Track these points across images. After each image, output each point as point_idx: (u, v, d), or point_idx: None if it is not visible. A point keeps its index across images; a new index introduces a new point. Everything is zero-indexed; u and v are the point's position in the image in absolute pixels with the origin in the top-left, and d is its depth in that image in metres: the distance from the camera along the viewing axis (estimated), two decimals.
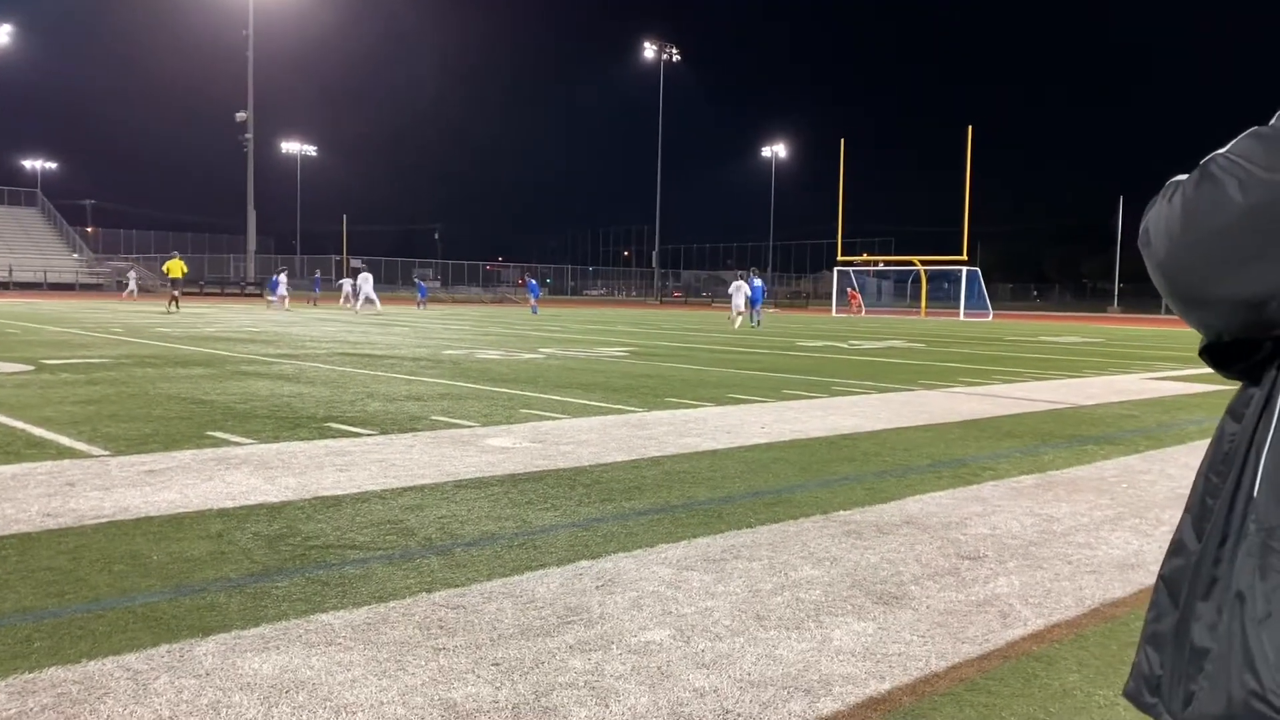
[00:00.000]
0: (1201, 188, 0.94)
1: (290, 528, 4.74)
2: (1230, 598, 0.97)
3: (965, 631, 3.60)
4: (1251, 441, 1.00)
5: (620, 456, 6.83)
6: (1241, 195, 0.90)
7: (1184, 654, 1.03)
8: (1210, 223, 0.93)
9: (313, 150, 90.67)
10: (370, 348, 17.37)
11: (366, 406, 9.18)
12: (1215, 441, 1.08)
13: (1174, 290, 0.99)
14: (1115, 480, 6.46)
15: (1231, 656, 0.95)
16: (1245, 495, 0.99)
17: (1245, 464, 1.00)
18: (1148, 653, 1.10)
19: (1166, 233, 0.98)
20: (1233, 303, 0.94)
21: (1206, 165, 0.96)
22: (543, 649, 3.30)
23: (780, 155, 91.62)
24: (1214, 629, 0.99)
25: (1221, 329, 0.99)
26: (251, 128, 59.38)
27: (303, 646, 3.26)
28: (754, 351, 18.97)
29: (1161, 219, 0.99)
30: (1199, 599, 1.02)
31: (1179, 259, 0.96)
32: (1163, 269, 0.99)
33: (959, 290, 51.32)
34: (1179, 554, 1.09)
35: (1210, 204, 0.93)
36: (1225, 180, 0.92)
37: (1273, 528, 0.94)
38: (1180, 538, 1.10)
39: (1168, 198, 0.99)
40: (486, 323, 31.00)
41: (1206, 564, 1.02)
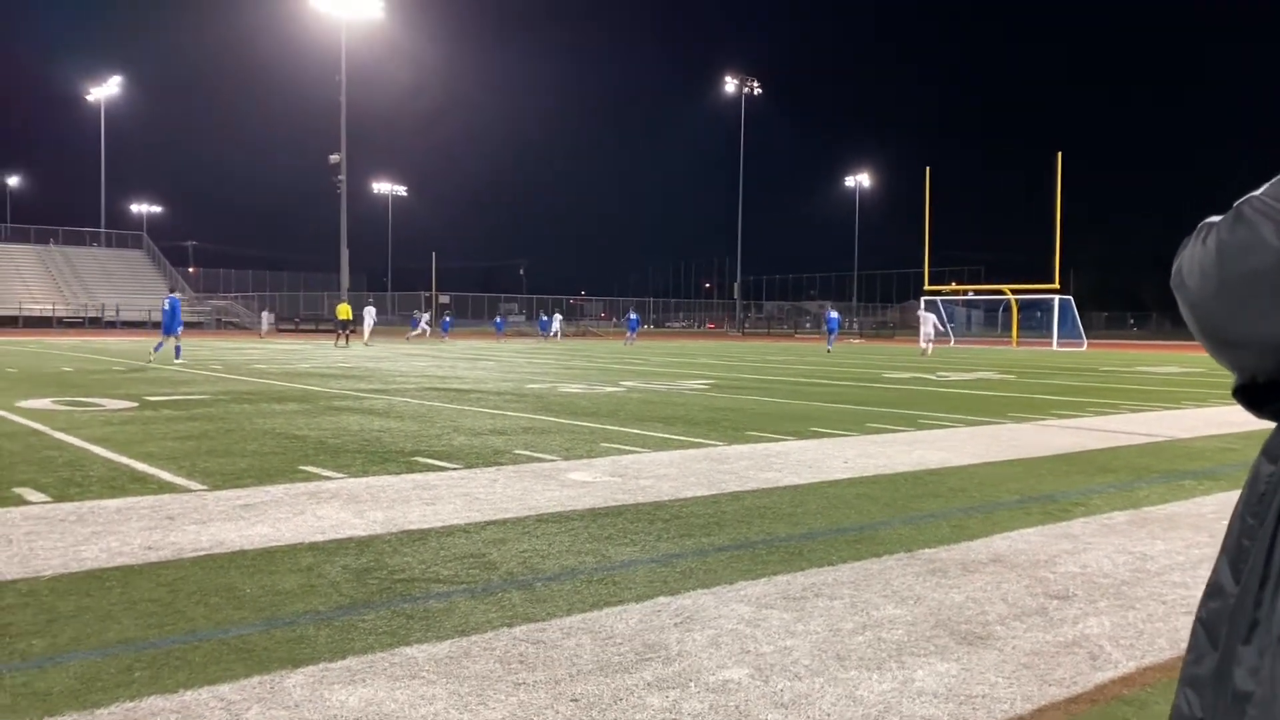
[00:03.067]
0: (1235, 230, 0.95)
1: (377, 561, 4.86)
2: (1272, 641, 0.96)
3: (1052, 673, 3.51)
4: None
5: (700, 491, 6.83)
6: (1275, 238, 0.90)
7: (1226, 698, 1.01)
8: (1243, 265, 0.93)
9: (403, 190, 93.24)
10: (457, 382, 17.69)
11: (452, 440, 9.35)
12: (1251, 482, 1.07)
13: (1206, 331, 1.00)
14: (1214, 517, 6.23)
15: (1275, 701, 0.93)
16: None
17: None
18: (1187, 695, 1.09)
19: (1200, 274, 0.98)
20: (1265, 345, 0.94)
21: (1240, 207, 0.96)
22: (621, 686, 3.32)
23: (864, 184, 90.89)
24: (1256, 673, 0.97)
25: (1254, 370, 0.99)
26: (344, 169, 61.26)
27: (387, 679, 3.34)
28: (838, 384, 18.79)
29: (1195, 260, 0.99)
30: (1240, 642, 1.00)
31: (1211, 300, 0.97)
32: (1195, 310, 1.00)
33: (1051, 319, 50.05)
34: (1216, 596, 1.07)
35: (1243, 246, 0.93)
36: (1259, 223, 0.92)
37: None
38: (1218, 579, 1.08)
39: (1201, 239, 1.00)
40: (569, 356, 31.32)
41: (1246, 607, 1.01)
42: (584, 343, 48.87)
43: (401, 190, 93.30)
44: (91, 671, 3.36)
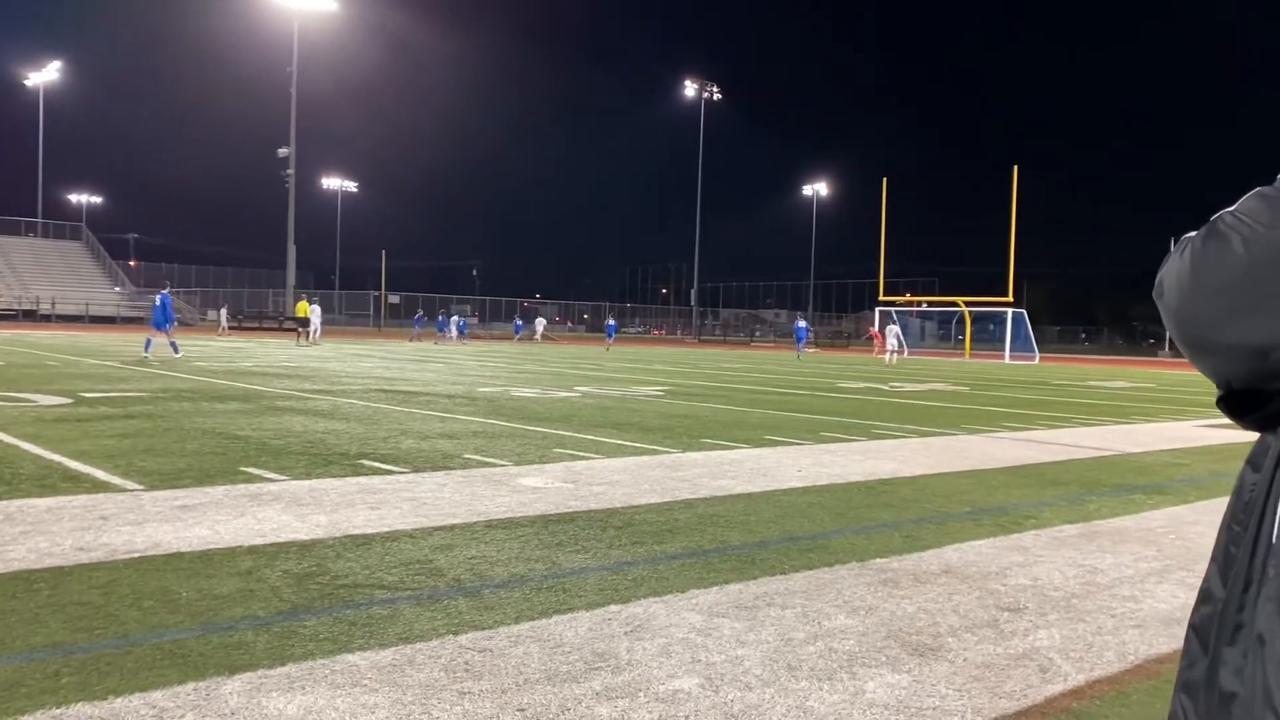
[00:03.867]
0: (1209, 243, 1.00)
1: (320, 566, 4.73)
2: (1253, 642, 1.00)
3: (1003, 686, 3.49)
4: (1270, 490, 1.04)
5: (653, 498, 6.77)
6: (1245, 250, 0.96)
7: (1214, 699, 1.05)
8: (1216, 276, 0.99)
9: (353, 186, 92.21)
10: (406, 384, 17.48)
11: (400, 444, 9.20)
12: (1236, 491, 1.11)
13: (1184, 338, 1.05)
14: (1163, 531, 6.29)
15: (1254, 699, 0.98)
16: (1265, 542, 1.02)
17: (1265, 512, 1.04)
18: (1182, 700, 1.13)
19: (1178, 285, 1.04)
20: (1237, 351, 0.99)
21: (1215, 222, 1.01)
22: (569, 695, 3.24)
23: (821, 193, 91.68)
24: (1239, 673, 1.02)
25: (1229, 376, 1.04)
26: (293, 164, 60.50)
27: (328, 687, 3.23)
28: (793, 393, 18.85)
29: (1174, 272, 1.05)
30: (1225, 645, 1.05)
31: (1189, 309, 1.02)
32: (1174, 319, 1.05)
33: (1004, 332, 50.78)
34: (1207, 602, 1.12)
35: (1216, 259, 0.99)
36: (1231, 236, 0.98)
37: None
38: (1208, 586, 1.12)
39: (1180, 252, 1.05)
40: (523, 360, 31.13)
41: (1231, 610, 1.05)
42: (538, 347, 48.64)
43: (352, 187, 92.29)
44: (15, 677, 3.22)
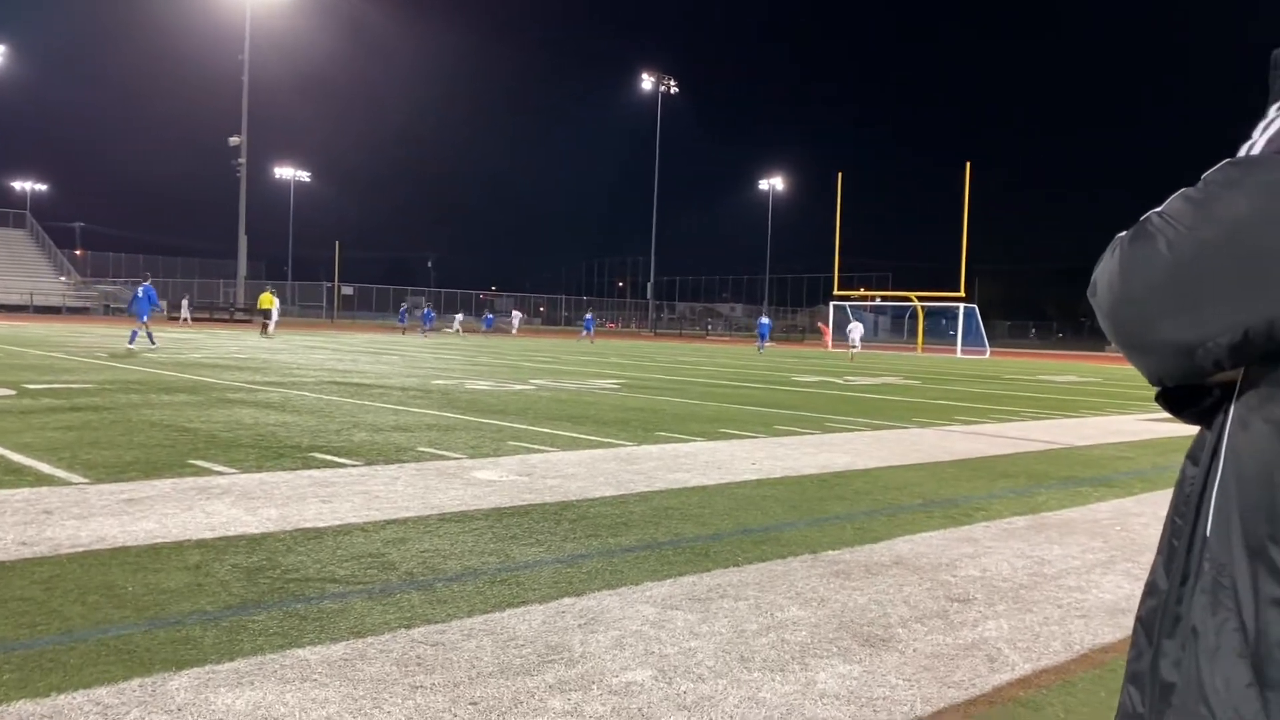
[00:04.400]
0: (1136, 244, 1.03)
1: (270, 560, 4.67)
2: (1189, 633, 1.03)
3: (952, 676, 3.54)
4: (1205, 483, 1.06)
5: (608, 491, 6.77)
6: (1169, 251, 0.99)
7: (1156, 690, 1.08)
8: (1144, 276, 1.01)
9: (306, 176, 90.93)
10: (359, 376, 17.31)
11: (352, 436, 9.11)
12: (1178, 485, 1.14)
13: (1118, 337, 1.07)
14: (1109, 523, 6.41)
15: (1190, 690, 1.00)
16: (1201, 535, 1.05)
17: (1200, 506, 1.06)
18: (1130, 691, 1.16)
19: (1109, 285, 1.06)
20: (1167, 349, 1.01)
21: (1143, 223, 1.04)
22: (522, 688, 3.24)
23: (778, 188, 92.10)
24: (1178, 665, 1.04)
25: (1161, 373, 1.06)
26: (245, 152, 59.55)
27: (278, 682, 3.19)
28: (747, 386, 18.94)
29: (1106, 273, 1.07)
30: (1166, 636, 1.08)
31: (1120, 308, 1.04)
32: (1107, 318, 1.07)
33: (956, 327, 51.44)
34: (1152, 595, 1.15)
35: (1144, 259, 1.01)
36: (1157, 237, 1.00)
37: (1222, 565, 0.99)
38: (1153, 579, 1.15)
39: (1111, 253, 1.07)
40: (478, 353, 30.96)
41: (1172, 603, 1.08)
42: (495, 340, 48.40)
43: (305, 176, 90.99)
44: None
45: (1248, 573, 0.96)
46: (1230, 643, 0.97)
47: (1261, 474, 0.97)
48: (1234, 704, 0.95)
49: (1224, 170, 0.99)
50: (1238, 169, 0.98)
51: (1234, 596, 0.97)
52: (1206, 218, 0.97)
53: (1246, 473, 0.99)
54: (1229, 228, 0.95)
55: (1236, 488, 1.00)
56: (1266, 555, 0.95)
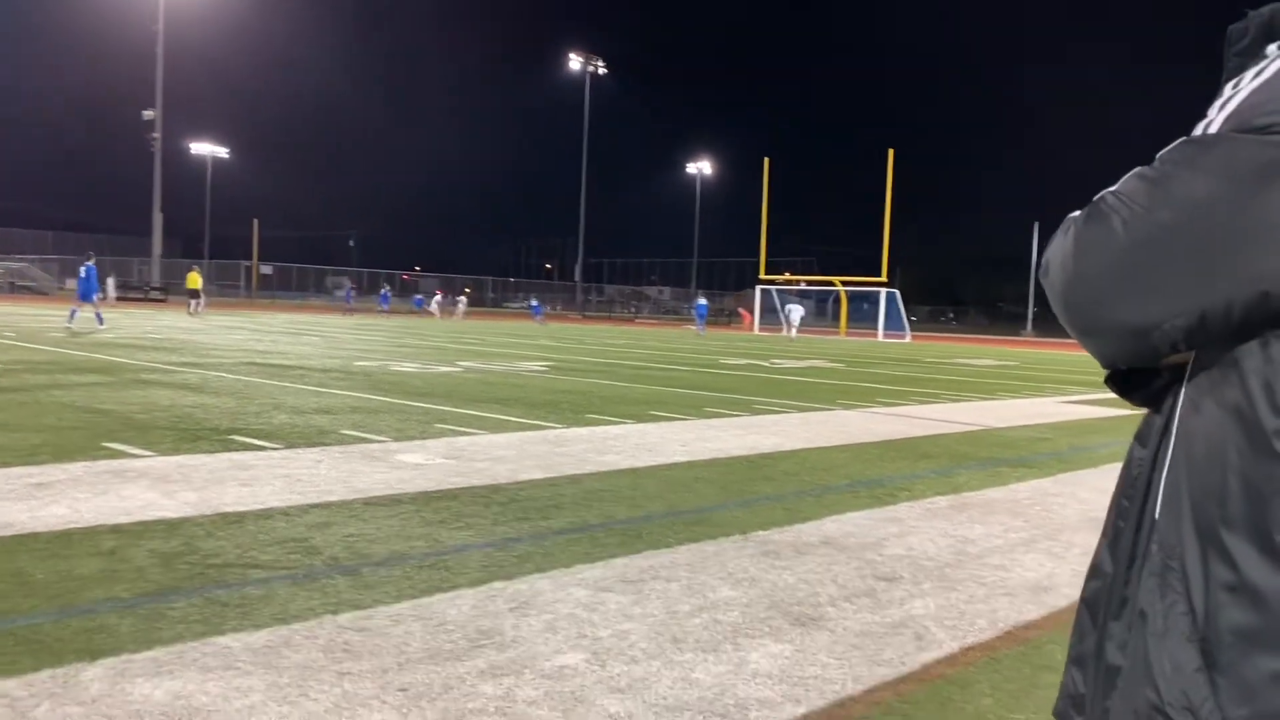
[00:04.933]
0: (1090, 224, 1.01)
1: (189, 545, 4.53)
2: (1136, 616, 1.02)
3: (881, 654, 3.58)
4: (1154, 465, 1.05)
5: (538, 474, 6.72)
6: (1124, 232, 0.97)
7: (1100, 672, 1.07)
8: (1098, 257, 0.99)
9: (224, 152, 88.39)
10: (279, 358, 16.92)
11: (273, 419, 8.90)
12: (1125, 467, 1.12)
13: (1070, 319, 1.06)
14: (1029, 503, 6.57)
15: (1136, 672, 1.00)
16: (1150, 518, 1.03)
17: (1149, 488, 1.05)
18: (1073, 673, 1.15)
19: (1061, 265, 1.04)
20: (1121, 331, 1.00)
21: (1096, 203, 1.02)
22: (452, 674, 3.18)
23: (705, 172, 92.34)
24: (1124, 647, 1.03)
25: (1114, 356, 1.06)
26: (160, 127, 57.64)
27: (198, 671, 3.09)
28: (676, 369, 19.00)
29: (1058, 253, 1.05)
30: (1112, 619, 1.07)
31: (1073, 289, 1.03)
32: (1059, 300, 1.05)
33: (878, 311, 52.26)
34: (1097, 576, 1.13)
35: (1098, 239, 0.99)
36: (1111, 217, 0.98)
37: (1171, 547, 0.98)
38: (1098, 561, 1.14)
39: (1065, 232, 1.05)
40: (402, 334, 30.53)
41: (1118, 585, 1.07)
42: (418, 321, 47.77)
43: (223, 152, 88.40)
44: None
45: (1198, 556, 0.96)
46: (1179, 626, 0.96)
47: (1212, 457, 0.96)
48: (1182, 687, 0.94)
49: (1180, 149, 0.97)
50: (1194, 147, 0.96)
51: (1183, 580, 0.97)
52: (1162, 198, 0.95)
53: (1197, 455, 0.98)
54: (1186, 208, 0.94)
55: (1187, 470, 0.99)
56: (1217, 538, 0.94)
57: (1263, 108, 0.92)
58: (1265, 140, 0.90)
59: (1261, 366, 0.92)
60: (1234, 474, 0.93)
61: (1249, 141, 0.91)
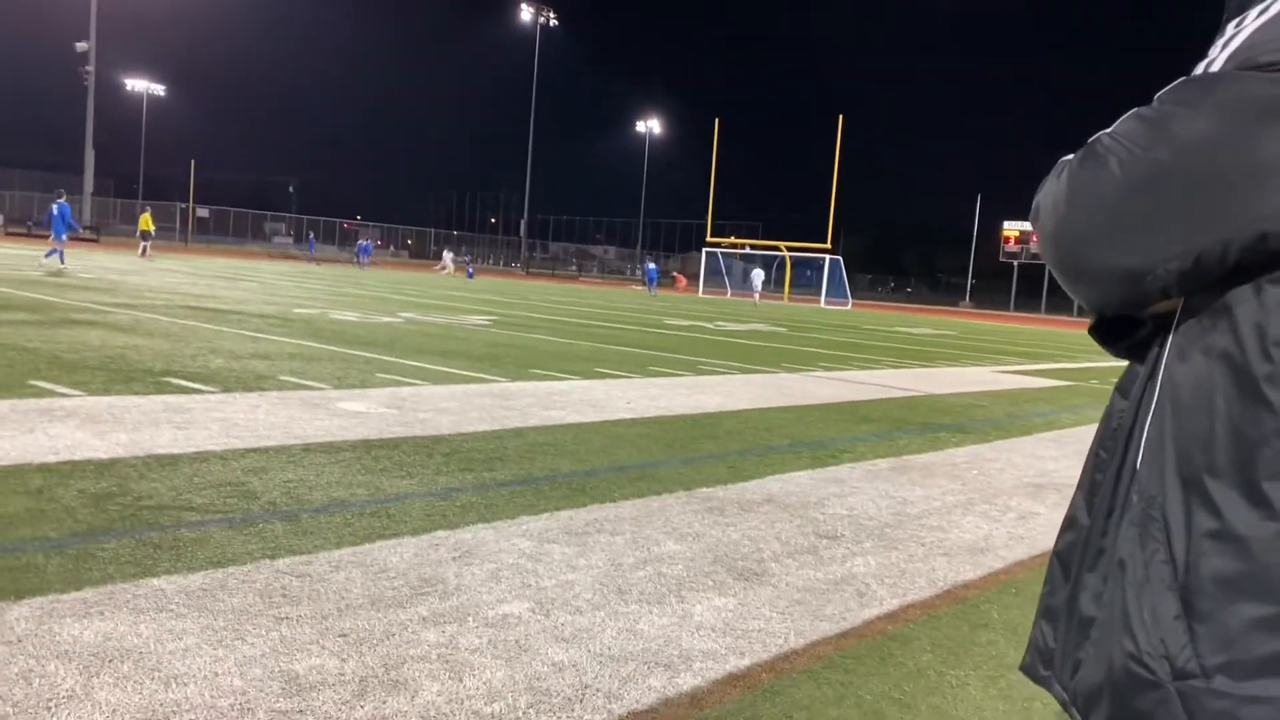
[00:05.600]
0: (1085, 165, 0.99)
1: (120, 486, 4.40)
2: (1114, 566, 1.01)
3: (823, 610, 3.61)
4: (1136, 416, 1.04)
5: (482, 426, 6.65)
6: (1121, 172, 0.95)
7: (1073, 624, 1.07)
8: (1093, 198, 0.97)
9: (160, 89, 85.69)
10: (215, 302, 16.54)
11: (209, 363, 8.69)
12: (1105, 419, 1.12)
13: (1060, 262, 1.03)
14: (966, 466, 6.67)
15: (1113, 622, 0.99)
16: (1130, 468, 1.03)
17: (1130, 438, 1.04)
18: (1042, 626, 1.15)
19: (1053, 207, 1.02)
20: (1113, 275, 0.98)
21: (1092, 144, 0.99)
22: (394, 620, 3.14)
23: (654, 131, 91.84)
24: (1099, 598, 1.03)
25: (1103, 302, 1.04)
26: (93, 60, 55.61)
27: (130, 612, 3.01)
28: (621, 327, 18.96)
29: (1050, 195, 1.03)
30: (1087, 570, 1.06)
31: (1065, 232, 1.00)
32: (1050, 241, 1.03)
33: (821, 278, 52.68)
34: (1071, 529, 1.13)
35: (1093, 180, 0.97)
36: (1108, 158, 0.96)
37: (1152, 497, 0.98)
38: (1073, 514, 1.13)
39: (1058, 175, 1.03)
40: (342, 283, 30.02)
41: (1095, 536, 1.06)
42: (344, 269, 47.02)
43: (159, 89, 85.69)
44: None
45: (1180, 504, 0.95)
46: (1159, 575, 0.95)
47: (1199, 404, 0.95)
48: (1161, 635, 0.94)
49: (1181, 88, 0.95)
50: (1196, 86, 0.94)
51: (1164, 529, 0.96)
52: (1162, 137, 0.93)
53: (1183, 403, 0.97)
54: (1186, 147, 0.92)
55: (1173, 419, 0.98)
56: (1201, 487, 0.93)
57: (1268, 45, 0.90)
58: (1270, 77, 0.88)
59: (1254, 312, 0.91)
60: (1221, 421, 0.93)
61: (1253, 78, 0.89)
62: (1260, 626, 0.87)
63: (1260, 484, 0.89)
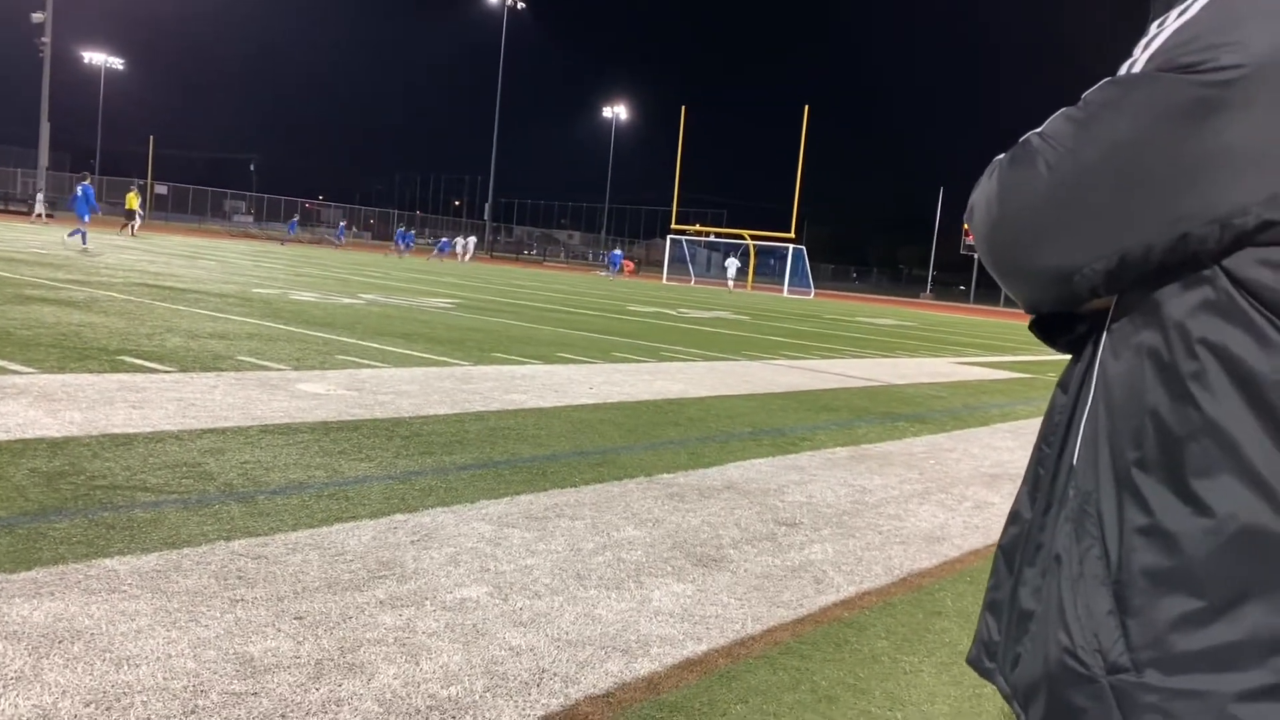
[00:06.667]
0: (1015, 165, 1.00)
1: (73, 465, 4.33)
2: (1051, 561, 1.02)
3: (780, 596, 3.64)
4: (1073, 412, 1.05)
5: (442, 409, 6.62)
6: (1048, 173, 0.96)
7: (1014, 618, 1.08)
8: (1022, 199, 0.98)
9: (119, 63, 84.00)
10: (173, 280, 16.29)
11: (165, 341, 8.56)
12: (1047, 414, 1.13)
13: (993, 262, 1.05)
14: (924, 456, 6.75)
15: (1049, 617, 1.00)
16: (1068, 463, 1.04)
17: (1068, 434, 1.05)
18: (988, 620, 1.16)
19: (986, 208, 1.02)
20: (1043, 275, 0.99)
21: (1023, 144, 1.00)
22: (350, 603, 3.12)
23: (621, 117, 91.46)
24: (1037, 592, 1.04)
25: (1036, 300, 1.05)
26: (49, 31, 54.36)
27: (81, 593, 2.97)
28: (584, 313, 18.92)
29: (984, 195, 1.03)
30: (1027, 565, 1.07)
31: (997, 233, 1.01)
32: (984, 242, 1.04)
33: (785, 267, 52.86)
34: (1015, 523, 1.14)
35: (1022, 181, 0.98)
36: (1036, 159, 0.97)
37: (1088, 492, 0.99)
38: (1017, 508, 1.14)
39: (990, 175, 1.03)
40: (302, 263, 29.69)
41: (1035, 531, 1.07)
42: (319, 250, 46.48)
43: (117, 63, 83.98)
44: None
45: (1113, 500, 0.96)
46: (1093, 570, 0.96)
47: (1130, 401, 0.96)
48: (1094, 629, 0.95)
49: (1104, 89, 0.96)
50: (1118, 88, 0.94)
51: (1098, 524, 0.97)
52: (1087, 138, 0.94)
53: (1116, 400, 0.98)
54: (1109, 149, 0.93)
55: (1106, 415, 0.99)
56: (1132, 482, 0.95)
57: (1186, 46, 0.90)
58: (1188, 79, 0.89)
59: (1180, 309, 0.92)
60: (1149, 417, 0.94)
61: (1172, 80, 0.90)
62: (1189, 621, 0.89)
63: (1188, 480, 0.90)
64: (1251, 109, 0.86)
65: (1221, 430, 0.88)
